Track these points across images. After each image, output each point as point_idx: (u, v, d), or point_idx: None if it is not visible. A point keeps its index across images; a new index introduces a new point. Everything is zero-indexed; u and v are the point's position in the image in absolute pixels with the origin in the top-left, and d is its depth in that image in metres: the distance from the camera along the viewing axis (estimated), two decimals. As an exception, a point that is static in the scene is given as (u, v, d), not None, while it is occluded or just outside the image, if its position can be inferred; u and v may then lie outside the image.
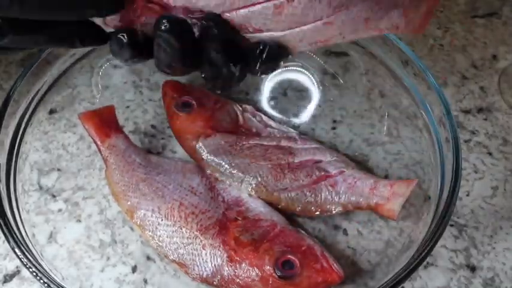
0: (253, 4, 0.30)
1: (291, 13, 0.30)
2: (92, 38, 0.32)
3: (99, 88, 0.52)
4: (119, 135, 0.47)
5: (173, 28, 0.30)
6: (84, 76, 0.52)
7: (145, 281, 0.42)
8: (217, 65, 0.32)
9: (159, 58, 0.31)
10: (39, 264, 0.37)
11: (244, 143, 0.47)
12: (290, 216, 0.45)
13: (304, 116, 0.52)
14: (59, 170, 0.48)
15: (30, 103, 0.46)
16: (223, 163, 0.45)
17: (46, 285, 0.35)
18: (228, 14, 0.31)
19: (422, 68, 0.45)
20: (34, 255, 0.38)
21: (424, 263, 0.38)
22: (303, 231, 0.42)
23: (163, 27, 0.29)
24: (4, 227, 0.38)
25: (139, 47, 0.32)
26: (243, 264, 0.39)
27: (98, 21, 0.32)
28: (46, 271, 0.37)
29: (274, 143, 0.47)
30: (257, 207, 0.44)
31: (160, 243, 0.41)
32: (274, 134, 0.48)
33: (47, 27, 0.30)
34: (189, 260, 0.41)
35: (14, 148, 0.44)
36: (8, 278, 0.43)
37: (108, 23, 0.32)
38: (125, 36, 0.31)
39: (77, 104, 0.51)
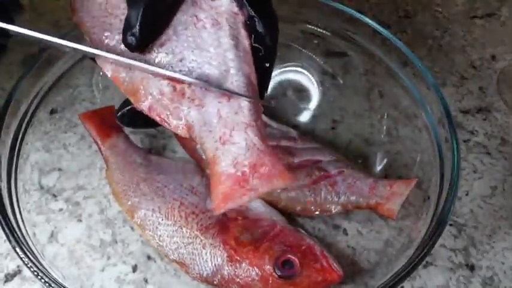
0: None
1: None
2: None
3: (99, 88, 0.52)
4: (120, 135, 0.47)
5: None
6: (85, 76, 0.52)
7: (146, 281, 0.42)
8: None
9: None
10: (40, 264, 0.37)
11: (244, 143, 0.47)
12: (290, 216, 0.45)
13: (304, 116, 0.52)
14: (59, 169, 0.48)
15: (31, 103, 0.46)
16: (224, 163, 0.45)
17: (47, 284, 0.35)
18: None
19: (422, 68, 0.45)
20: (35, 255, 0.38)
21: (424, 262, 0.38)
22: (302, 231, 0.43)
23: None
24: (5, 227, 0.38)
25: None
26: (243, 264, 0.40)
27: None
28: (47, 270, 0.37)
29: (274, 143, 0.47)
30: (257, 207, 0.44)
31: (161, 243, 0.42)
32: (274, 134, 0.48)
33: None
34: (189, 259, 0.41)
35: (15, 148, 0.44)
36: (9, 277, 0.43)
37: None
38: None
39: (78, 104, 0.52)
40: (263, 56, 0.33)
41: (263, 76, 0.34)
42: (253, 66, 0.32)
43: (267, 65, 0.34)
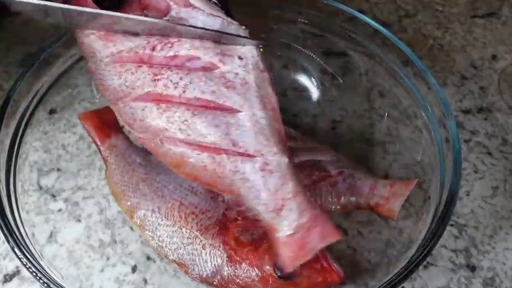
0: None
1: None
2: None
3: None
4: (119, 135, 0.47)
5: None
6: (84, 76, 0.52)
7: (145, 281, 0.42)
8: None
9: None
10: (39, 264, 0.37)
11: (244, 143, 0.47)
12: (290, 216, 0.45)
13: (304, 116, 0.52)
14: (58, 170, 0.48)
15: (30, 103, 0.46)
16: (223, 163, 0.45)
17: (46, 285, 0.35)
18: None
19: (422, 68, 0.45)
20: (34, 255, 0.38)
21: (424, 263, 0.38)
22: (303, 231, 0.42)
23: None
24: (4, 227, 0.37)
25: None
26: (243, 264, 0.39)
27: None
28: (46, 271, 0.37)
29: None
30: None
31: (160, 243, 0.41)
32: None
33: None
34: (189, 260, 0.41)
35: (14, 148, 0.44)
36: (8, 278, 0.43)
37: None
38: None
39: (77, 104, 0.51)
40: None
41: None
42: (281, 121, 0.34)
43: None
